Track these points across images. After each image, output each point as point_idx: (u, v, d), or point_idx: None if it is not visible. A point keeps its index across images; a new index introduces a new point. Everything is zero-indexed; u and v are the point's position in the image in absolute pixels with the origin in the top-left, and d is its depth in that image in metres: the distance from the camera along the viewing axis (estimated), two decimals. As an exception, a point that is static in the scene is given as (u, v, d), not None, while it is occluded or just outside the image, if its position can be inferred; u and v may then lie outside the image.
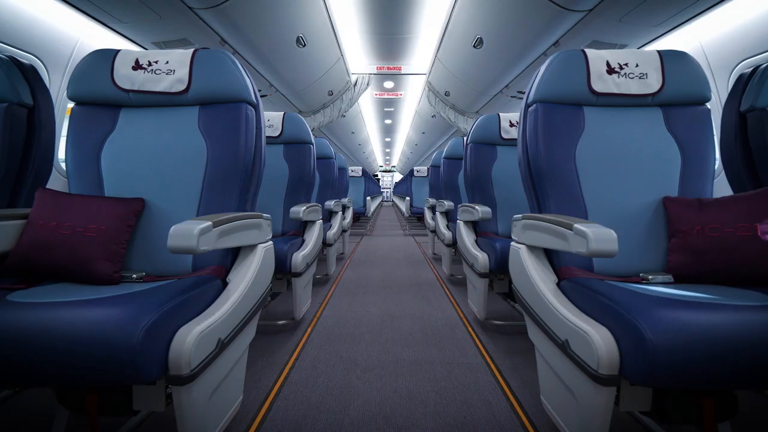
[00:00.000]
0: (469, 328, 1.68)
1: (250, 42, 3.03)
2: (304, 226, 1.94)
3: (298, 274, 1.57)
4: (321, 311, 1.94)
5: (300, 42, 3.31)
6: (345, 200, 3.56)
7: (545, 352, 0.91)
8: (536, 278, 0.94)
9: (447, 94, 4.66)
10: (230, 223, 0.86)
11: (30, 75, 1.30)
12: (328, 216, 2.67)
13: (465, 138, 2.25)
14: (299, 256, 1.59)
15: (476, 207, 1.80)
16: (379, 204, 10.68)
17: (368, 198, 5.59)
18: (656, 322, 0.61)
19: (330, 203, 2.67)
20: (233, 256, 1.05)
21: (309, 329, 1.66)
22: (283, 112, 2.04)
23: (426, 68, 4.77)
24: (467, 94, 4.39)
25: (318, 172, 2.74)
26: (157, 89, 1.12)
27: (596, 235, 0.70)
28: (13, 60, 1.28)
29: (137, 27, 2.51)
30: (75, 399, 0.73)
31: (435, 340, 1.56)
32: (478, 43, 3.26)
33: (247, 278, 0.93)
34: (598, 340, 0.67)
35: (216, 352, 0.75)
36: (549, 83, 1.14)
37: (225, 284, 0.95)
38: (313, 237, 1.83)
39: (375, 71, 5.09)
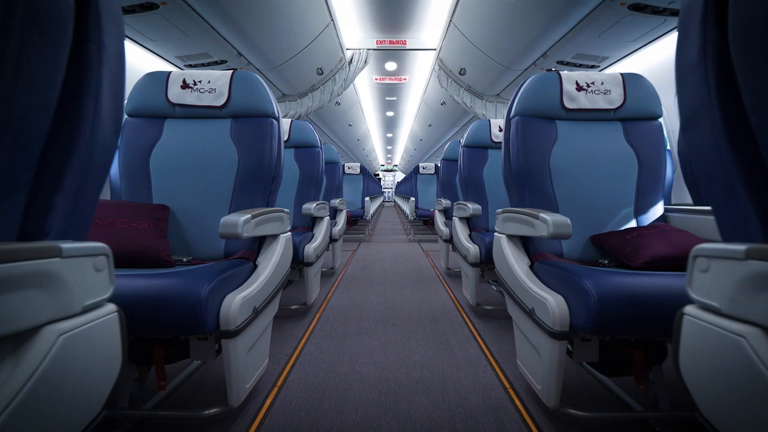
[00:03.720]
0: (523, 411, 1.12)
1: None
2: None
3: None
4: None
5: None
6: (337, 201, 3.01)
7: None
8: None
9: (462, 72, 4.02)
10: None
11: None
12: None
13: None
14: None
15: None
16: (380, 205, 10.38)
17: (367, 199, 5.05)
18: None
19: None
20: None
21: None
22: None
23: (436, 42, 4.12)
24: (488, 71, 3.75)
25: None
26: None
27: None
28: None
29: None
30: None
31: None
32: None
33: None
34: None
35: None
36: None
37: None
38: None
39: (374, 46, 4.41)
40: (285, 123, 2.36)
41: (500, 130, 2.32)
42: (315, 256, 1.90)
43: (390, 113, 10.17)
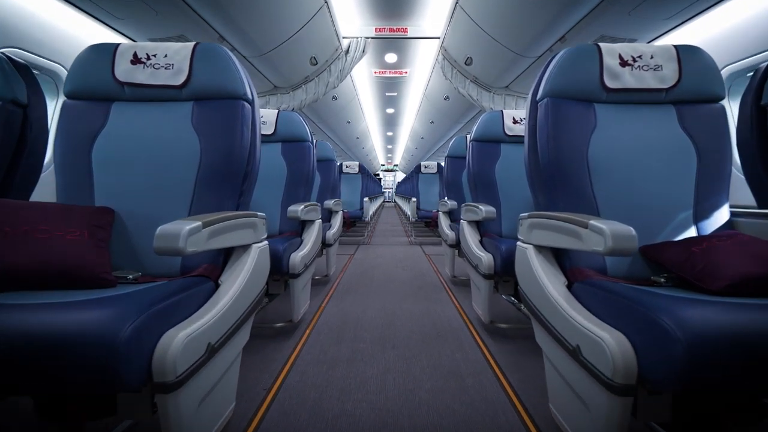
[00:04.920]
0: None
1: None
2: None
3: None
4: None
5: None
6: (331, 202, 2.79)
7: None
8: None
9: (468, 62, 3.77)
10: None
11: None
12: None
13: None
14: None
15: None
16: (380, 205, 10.17)
17: (366, 199, 4.82)
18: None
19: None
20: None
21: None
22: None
23: (440, 29, 3.87)
24: (498, 59, 3.49)
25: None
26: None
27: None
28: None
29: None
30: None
31: None
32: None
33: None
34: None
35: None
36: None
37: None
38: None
39: (373, 34, 4.15)
40: (271, 114, 2.13)
41: (515, 122, 2.11)
42: (303, 266, 1.68)
43: (390, 110, 9.92)
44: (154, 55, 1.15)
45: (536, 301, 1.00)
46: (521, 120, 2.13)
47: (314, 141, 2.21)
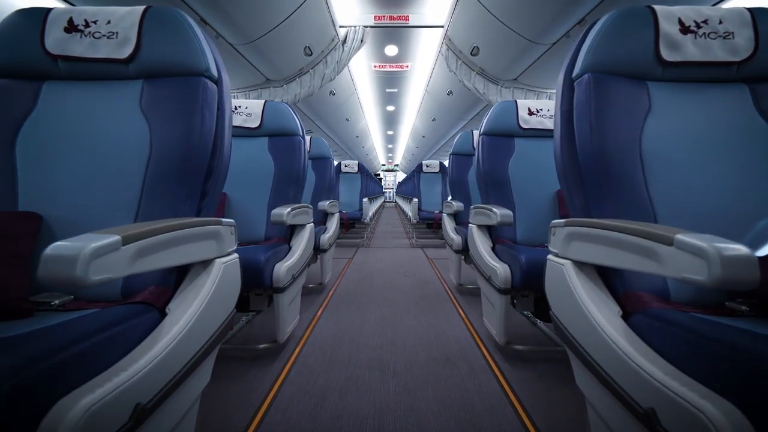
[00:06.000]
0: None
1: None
2: (291, 231, 1.79)
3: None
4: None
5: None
6: (326, 204, 2.59)
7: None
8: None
9: (474, 52, 3.56)
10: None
11: None
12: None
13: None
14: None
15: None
16: (380, 206, 9.96)
17: (365, 200, 4.62)
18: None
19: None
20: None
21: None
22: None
23: (444, 17, 3.66)
24: (507, 47, 3.28)
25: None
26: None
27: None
28: None
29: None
30: None
31: None
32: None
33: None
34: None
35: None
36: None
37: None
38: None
39: (372, 22, 3.92)
40: (257, 105, 1.92)
41: (530, 113, 1.90)
42: (290, 277, 1.47)
43: (391, 108, 9.71)
44: (95, 22, 0.94)
45: (578, 335, 0.78)
46: (537, 111, 1.91)
47: (306, 135, 2.00)
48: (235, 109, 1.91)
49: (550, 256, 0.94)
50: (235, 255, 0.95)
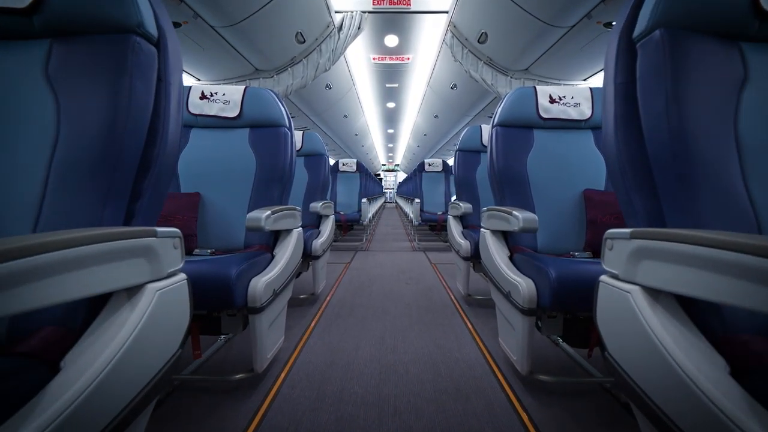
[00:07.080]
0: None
1: None
2: (275, 237, 1.62)
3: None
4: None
5: None
6: (319, 205, 2.35)
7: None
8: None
9: (482, 39, 3.32)
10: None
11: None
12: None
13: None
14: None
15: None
16: (381, 206, 9.73)
17: (364, 200, 4.40)
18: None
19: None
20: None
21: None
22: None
23: (448, 2, 3.42)
24: (519, 32, 3.03)
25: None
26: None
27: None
28: None
29: None
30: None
31: None
32: None
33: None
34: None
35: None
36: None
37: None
38: (286, 252, 1.49)
39: (370, 8, 3.68)
40: (235, 91, 1.71)
41: (552, 101, 1.69)
42: (269, 294, 1.25)
43: (391, 104, 9.48)
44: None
45: (654, 390, 0.56)
46: (560, 99, 1.68)
47: (293, 126, 1.77)
48: (210, 95, 1.69)
49: (605, 278, 0.72)
50: (182, 276, 0.73)
